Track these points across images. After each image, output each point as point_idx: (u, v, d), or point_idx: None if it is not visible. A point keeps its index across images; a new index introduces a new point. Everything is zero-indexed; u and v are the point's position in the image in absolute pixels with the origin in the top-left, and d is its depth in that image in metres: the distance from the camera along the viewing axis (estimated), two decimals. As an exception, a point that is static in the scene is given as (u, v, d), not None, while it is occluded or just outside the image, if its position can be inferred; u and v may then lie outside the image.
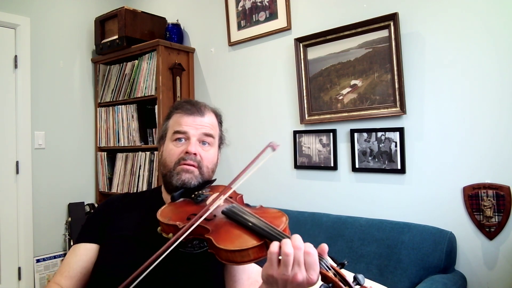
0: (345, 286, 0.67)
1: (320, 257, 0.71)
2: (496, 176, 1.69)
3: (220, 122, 1.19)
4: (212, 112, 1.16)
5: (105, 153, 3.14)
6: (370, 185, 2.05)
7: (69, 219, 3.01)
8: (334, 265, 0.71)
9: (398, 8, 1.92)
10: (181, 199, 1.02)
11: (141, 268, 0.77)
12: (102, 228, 1.11)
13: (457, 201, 1.79)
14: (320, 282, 0.69)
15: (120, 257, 1.02)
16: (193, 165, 1.05)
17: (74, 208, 3.05)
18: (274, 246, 0.71)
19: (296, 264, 0.69)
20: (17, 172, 2.81)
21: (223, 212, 0.88)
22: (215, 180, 1.13)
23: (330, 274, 0.69)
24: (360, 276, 0.68)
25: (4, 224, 2.74)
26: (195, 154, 1.06)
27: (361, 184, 2.09)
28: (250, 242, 0.75)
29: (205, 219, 0.85)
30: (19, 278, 2.80)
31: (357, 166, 2.08)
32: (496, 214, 1.68)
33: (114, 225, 1.10)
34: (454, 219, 1.78)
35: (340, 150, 2.17)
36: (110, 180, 3.11)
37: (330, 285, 0.68)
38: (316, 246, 0.73)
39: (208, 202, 0.97)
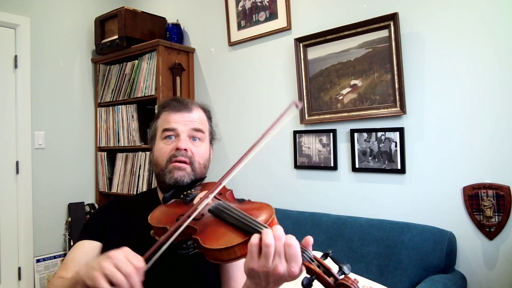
0: (329, 277, 0.66)
1: (304, 249, 0.70)
2: (496, 176, 1.69)
3: (209, 117, 1.17)
4: (200, 107, 1.15)
5: (105, 153, 3.14)
6: (370, 185, 2.05)
7: (69, 219, 3.01)
8: (318, 256, 0.70)
9: (398, 8, 1.92)
10: (173, 200, 1.02)
11: (146, 256, 0.76)
12: (104, 230, 1.11)
13: (457, 201, 1.79)
14: (304, 275, 0.68)
15: None
16: (184, 162, 1.04)
17: (74, 208, 3.05)
18: (254, 238, 0.70)
19: (276, 255, 0.68)
20: (17, 172, 2.81)
21: (209, 211, 0.87)
22: (205, 177, 1.12)
23: (313, 266, 0.67)
24: (346, 267, 0.66)
25: (4, 224, 2.74)
26: (185, 149, 1.05)
27: (361, 184, 2.09)
28: (235, 239, 0.75)
29: (193, 219, 0.85)
30: (19, 278, 2.80)
31: (357, 166, 2.08)
32: (496, 214, 1.68)
33: (114, 228, 1.10)
34: (454, 219, 1.78)
35: (340, 150, 2.17)
36: (110, 180, 3.11)
37: (314, 277, 0.66)
38: (315, 246, 0.72)
39: (195, 201, 0.97)
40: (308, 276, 0.67)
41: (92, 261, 0.78)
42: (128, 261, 0.72)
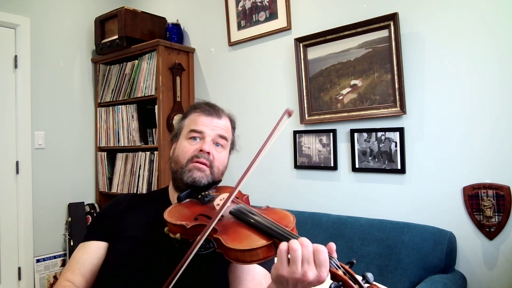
0: (355, 284, 0.67)
1: (329, 256, 0.71)
2: (496, 176, 1.69)
3: (233, 127, 1.22)
4: (227, 116, 1.19)
5: (105, 153, 3.14)
6: (370, 185, 2.05)
7: (69, 219, 3.01)
8: (343, 263, 0.72)
9: (398, 8, 1.92)
10: (187, 200, 1.03)
11: (170, 280, 0.78)
12: (110, 227, 1.12)
13: (457, 201, 1.79)
14: (329, 281, 0.70)
15: (128, 258, 1.02)
16: (205, 164, 1.07)
17: (74, 208, 3.05)
18: (283, 244, 0.72)
19: (305, 261, 0.69)
20: (17, 172, 2.81)
21: (230, 213, 0.89)
22: (220, 181, 1.14)
23: (340, 272, 0.69)
24: (369, 275, 0.68)
25: (4, 224, 2.74)
26: (208, 153, 1.08)
27: (361, 184, 2.09)
28: (259, 241, 0.76)
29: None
30: (19, 278, 2.80)
31: (357, 166, 2.08)
32: (496, 214, 1.68)
33: (122, 225, 1.11)
34: (454, 219, 1.78)
35: (340, 150, 2.16)
36: (110, 180, 3.11)
37: (340, 283, 0.68)
38: None
39: (215, 202, 0.99)
40: (335, 282, 0.69)
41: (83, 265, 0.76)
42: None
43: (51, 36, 3.00)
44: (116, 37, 2.90)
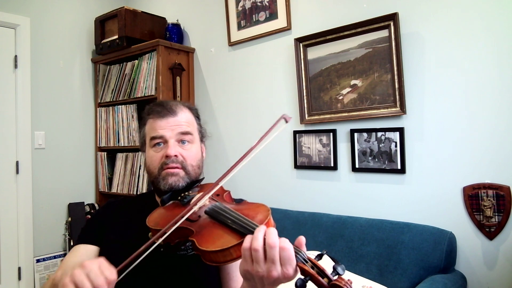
0: (322, 278, 0.66)
1: (298, 250, 0.70)
2: (496, 176, 1.69)
3: (196, 116, 1.17)
4: (185, 108, 1.14)
5: (105, 153, 3.14)
6: (370, 185, 2.05)
7: (69, 219, 3.01)
8: (312, 257, 0.70)
9: (398, 8, 1.92)
10: (170, 202, 1.02)
11: (119, 267, 0.76)
12: (101, 232, 1.11)
13: (457, 201, 1.79)
14: (299, 275, 0.68)
15: (114, 264, 1.02)
16: (176, 167, 1.05)
17: (74, 208, 3.05)
18: (246, 242, 0.71)
19: (269, 261, 0.68)
20: (17, 172, 2.81)
21: (206, 212, 0.87)
22: (203, 178, 1.12)
23: (307, 267, 0.68)
24: (340, 267, 0.66)
25: (4, 224, 2.74)
26: (175, 156, 1.05)
27: (361, 184, 2.09)
28: (230, 241, 0.75)
29: (189, 220, 0.85)
30: (19, 278, 2.80)
31: (357, 166, 2.08)
32: (496, 214, 1.68)
33: (111, 230, 1.10)
34: (454, 219, 1.78)
35: (340, 150, 2.17)
36: (110, 180, 3.11)
37: (308, 278, 0.66)
38: (315, 246, 0.72)
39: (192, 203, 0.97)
40: (302, 277, 0.67)
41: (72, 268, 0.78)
42: (100, 273, 0.71)
43: (51, 36, 3.01)
44: (116, 37, 2.90)
